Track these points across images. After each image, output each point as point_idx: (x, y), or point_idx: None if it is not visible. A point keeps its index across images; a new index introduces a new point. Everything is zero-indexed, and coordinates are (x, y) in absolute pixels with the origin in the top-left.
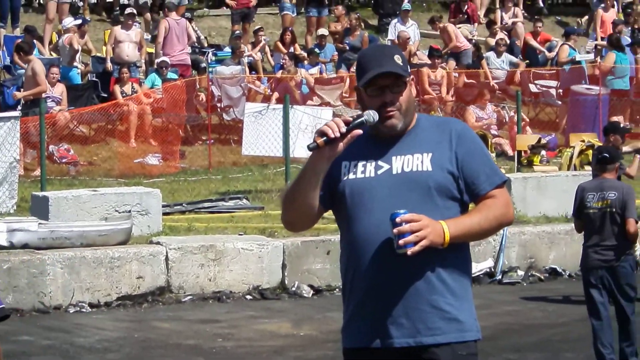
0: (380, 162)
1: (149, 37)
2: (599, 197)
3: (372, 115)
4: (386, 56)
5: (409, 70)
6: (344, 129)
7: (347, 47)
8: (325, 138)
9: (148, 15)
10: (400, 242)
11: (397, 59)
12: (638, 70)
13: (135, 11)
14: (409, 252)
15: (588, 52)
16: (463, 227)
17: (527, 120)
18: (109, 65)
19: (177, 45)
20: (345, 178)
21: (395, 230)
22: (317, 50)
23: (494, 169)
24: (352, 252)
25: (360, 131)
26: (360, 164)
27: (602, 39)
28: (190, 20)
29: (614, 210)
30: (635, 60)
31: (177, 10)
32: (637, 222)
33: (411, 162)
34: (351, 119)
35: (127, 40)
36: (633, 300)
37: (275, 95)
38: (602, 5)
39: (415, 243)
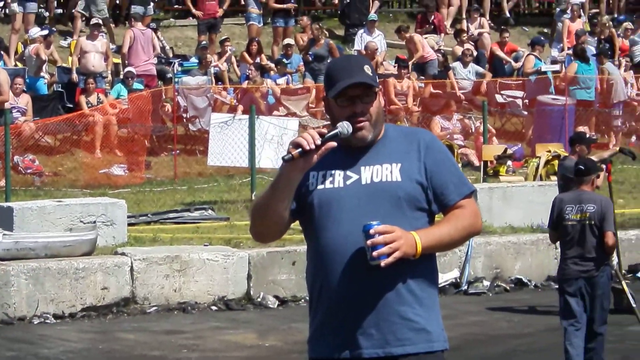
0: (349, 172)
1: (114, 47)
2: (577, 210)
3: (345, 127)
4: (356, 67)
5: (377, 81)
6: (319, 141)
7: (310, 58)
8: (300, 150)
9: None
10: (374, 253)
11: (367, 69)
12: (603, 81)
13: (101, 22)
14: (382, 264)
15: (554, 63)
16: (433, 237)
17: (494, 130)
18: (75, 76)
19: (142, 56)
20: (314, 188)
21: (368, 242)
22: (284, 60)
23: (462, 179)
24: (321, 263)
25: (334, 144)
26: (328, 174)
27: (569, 48)
28: (155, 30)
29: (592, 222)
30: (601, 71)
31: (142, 21)
32: (615, 235)
33: (380, 173)
34: (325, 131)
35: (93, 51)
36: (607, 310)
37: (241, 107)
38: (569, 15)
39: (389, 255)
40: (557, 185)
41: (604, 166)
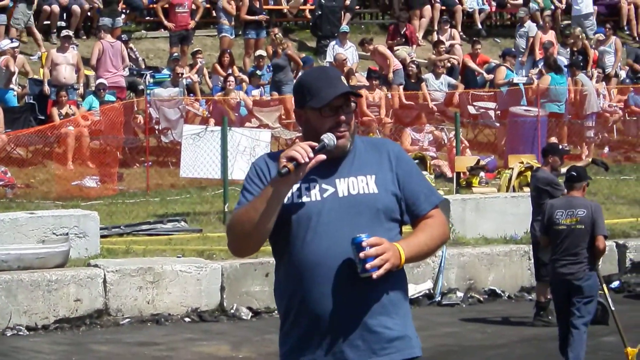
0: (324, 185)
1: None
2: (567, 214)
3: (332, 139)
4: (335, 77)
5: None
6: (311, 154)
7: (269, 70)
8: (294, 163)
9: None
10: (368, 265)
11: (344, 79)
12: (576, 92)
13: (71, 33)
14: (374, 276)
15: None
16: (413, 247)
17: (466, 142)
18: (47, 88)
19: (111, 68)
20: (290, 203)
21: (361, 255)
22: (257, 72)
23: (432, 189)
24: (301, 276)
25: (324, 156)
26: (304, 188)
27: (541, 59)
28: (126, 42)
29: (583, 227)
30: (574, 82)
31: (112, 33)
32: (605, 239)
33: (357, 185)
34: (315, 144)
35: (64, 63)
36: (591, 314)
37: (212, 120)
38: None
39: (379, 266)
40: (529, 197)
41: None
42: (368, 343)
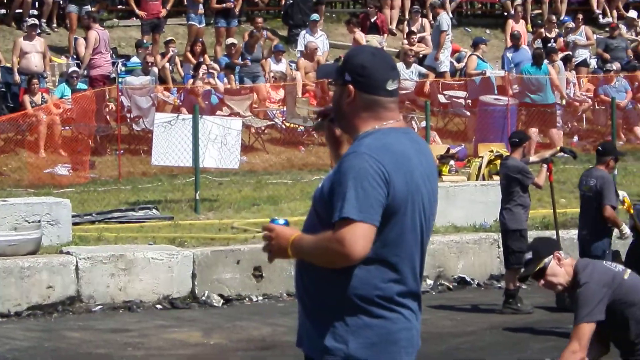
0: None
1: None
2: (584, 182)
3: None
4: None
5: (345, 75)
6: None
7: (249, 62)
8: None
9: None
10: (262, 248)
11: (340, 61)
12: (553, 80)
13: (37, 22)
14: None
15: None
16: (302, 244)
17: (435, 134)
18: (17, 77)
19: (105, 55)
20: None
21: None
22: (228, 60)
23: (343, 204)
24: None
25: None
26: None
27: (510, 48)
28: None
29: (592, 195)
30: (554, 68)
31: (80, 20)
32: (615, 208)
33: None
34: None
35: (33, 51)
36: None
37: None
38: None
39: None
40: (499, 185)
41: (545, 166)
42: (302, 331)
